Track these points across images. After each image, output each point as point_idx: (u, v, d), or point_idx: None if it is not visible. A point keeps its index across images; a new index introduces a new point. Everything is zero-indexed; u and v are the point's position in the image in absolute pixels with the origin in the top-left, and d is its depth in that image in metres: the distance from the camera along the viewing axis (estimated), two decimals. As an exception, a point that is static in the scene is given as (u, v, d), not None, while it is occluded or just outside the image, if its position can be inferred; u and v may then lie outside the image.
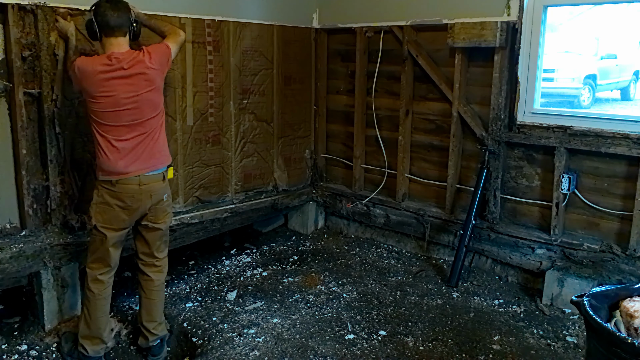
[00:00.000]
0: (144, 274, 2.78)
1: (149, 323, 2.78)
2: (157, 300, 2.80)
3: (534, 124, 3.36)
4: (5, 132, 2.80)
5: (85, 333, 2.67)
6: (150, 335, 2.78)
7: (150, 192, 2.60)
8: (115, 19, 2.49)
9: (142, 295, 2.80)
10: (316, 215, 4.58)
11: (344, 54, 4.28)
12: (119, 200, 2.55)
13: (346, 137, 4.40)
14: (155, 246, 2.74)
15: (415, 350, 2.82)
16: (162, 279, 2.82)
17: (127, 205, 2.56)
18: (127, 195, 2.55)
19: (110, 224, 2.57)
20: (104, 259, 2.63)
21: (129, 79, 2.51)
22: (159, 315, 2.82)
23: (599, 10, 10.18)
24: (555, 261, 3.33)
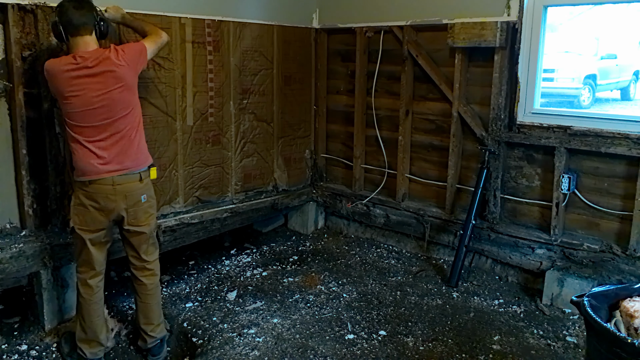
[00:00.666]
0: (136, 278, 2.76)
1: (146, 326, 2.77)
2: (152, 303, 2.78)
3: (534, 124, 3.36)
4: (5, 132, 2.81)
5: (82, 337, 2.67)
6: (148, 337, 2.78)
7: (124, 192, 2.56)
8: (79, 18, 2.44)
9: (138, 299, 2.78)
10: (316, 215, 4.58)
11: (344, 54, 4.28)
12: (93, 201, 2.52)
13: (346, 137, 4.40)
14: (142, 250, 2.70)
15: (415, 350, 2.82)
16: (155, 281, 2.78)
17: (102, 206, 2.53)
18: (101, 195, 2.52)
19: (87, 225, 2.55)
20: (89, 262, 2.61)
21: (96, 77, 2.46)
22: (156, 318, 2.80)
23: (599, 10, 10.18)
24: (555, 261, 3.33)
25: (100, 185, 2.51)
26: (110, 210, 2.55)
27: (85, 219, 2.55)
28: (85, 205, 2.53)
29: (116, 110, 2.52)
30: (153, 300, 2.78)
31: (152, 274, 2.77)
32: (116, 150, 2.54)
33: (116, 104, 2.52)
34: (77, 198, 2.56)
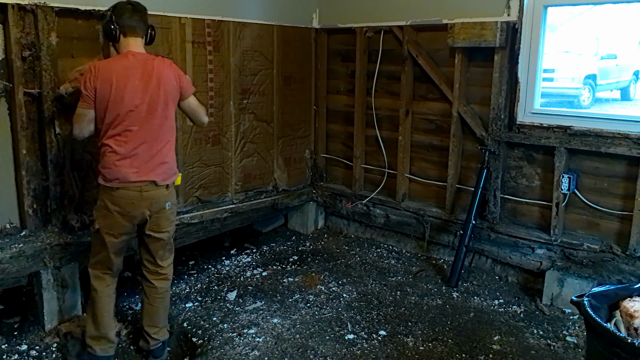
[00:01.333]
0: (147, 280, 2.74)
1: (150, 328, 2.76)
2: (160, 307, 2.77)
3: (534, 124, 3.36)
4: (5, 132, 2.81)
5: (92, 334, 2.66)
6: (151, 339, 2.76)
7: (150, 199, 2.56)
8: (137, 20, 2.54)
9: (145, 301, 2.76)
10: (316, 215, 4.58)
11: (344, 54, 4.28)
12: (117, 206, 2.52)
13: (346, 137, 4.40)
14: (158, 255, 2.70)
15: (415, 350, 2.82)
16: (166, 286, 2.78)
17: (125, 212, 2.53)
18: (126, 201, 2.51)
19: (111, 229, 2.55)
20: (105, 264, 2.63)
21: (143, 81, 2.49)
22: (161, 322, 2.79)
23: (599, 10, 10.17)
24: (555, 261, 3.33)
25: (127, 191, 2.51)
26: (133, 216, 2.55)
27: (110, 223, 2.55)
28: (110, 209, 2.52)
29: (155, 118, 2.52)
30: (161, 305, 2.77)
31: (164, 278, 2.76)
32: (149, 160, 2.53)
33: (156, 111, 2.52)
34: (102, 201, 2.55)
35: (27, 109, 2.80)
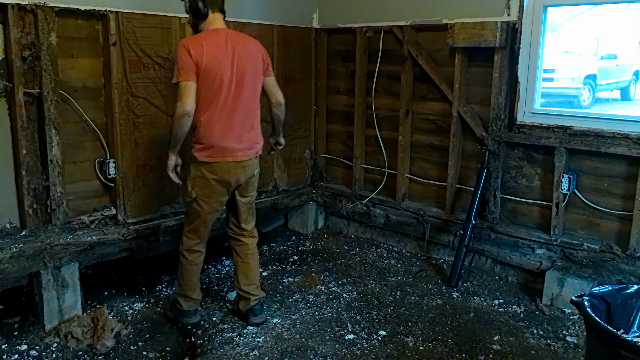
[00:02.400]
0: (237, 240, 2.98)
1: (248, 286, 2.96)
2: (253, 263, 2.99)
3: (534, 124, 3.36)
4: (5, 132, 2.81)
5: (179, 291, 2.97)
6: (251, 297, 2.96)
7: (244, 166, 2.77)
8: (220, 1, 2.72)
9: (239, 260, 2.98)
10: (316, 215, 4.58)
11: (344, 54, 4.28)
12: (214, 174, 2.70)
13: (346, 137, 4.40)
14: (242, 218, 2.94)
15: (415, 350, 2.82)
16: (254, 243, 3.02)
17: (223, 179, 2.72)
18: (223, 169, 2.70)
19: (209, 196, 2.73)
20: (198, 231, 2.84)
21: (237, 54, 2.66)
22: (256, 278, 3.01)
23: (599, 10, 10.17)
24: (555, 261, 3.33)
25: (225, 163, 2.70)
26: (229, 183, 2.75)
27: (207, 191, 2.73)
28: (207, 178, 2.70)
29: (247, 90, 2.71)
30: (254, 260, 3.00)
31: (252, 235, 3.02)
32: (246, 132, 2.74)
33: (248, 84, 2.71)
34: (199, 171, 2.70)
35: (27, 109, 2.80)
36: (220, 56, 2.62)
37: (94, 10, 2.97)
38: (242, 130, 2.73)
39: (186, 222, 2.91)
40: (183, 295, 2.97)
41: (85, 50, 3.04)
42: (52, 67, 2.83)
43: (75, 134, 3.06)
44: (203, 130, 2.65)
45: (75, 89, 3.02)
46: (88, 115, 3.09)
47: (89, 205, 3.19)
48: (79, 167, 3.12)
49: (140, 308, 3.21)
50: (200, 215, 2.79)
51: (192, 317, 3.00)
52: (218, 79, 2.62)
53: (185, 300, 2.98)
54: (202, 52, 2.57)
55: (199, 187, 2.73)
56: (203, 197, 2.74)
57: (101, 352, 2.78)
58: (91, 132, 3.13)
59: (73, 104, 3.02)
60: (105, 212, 3.22)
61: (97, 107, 3.14)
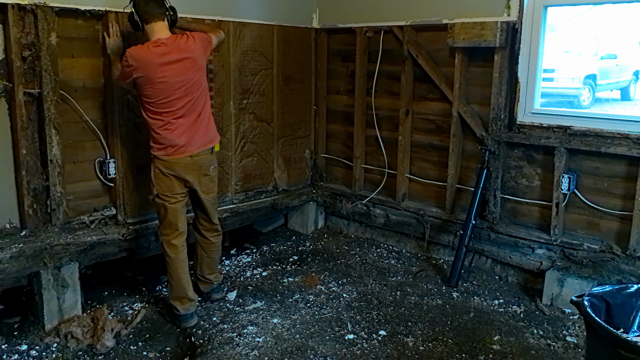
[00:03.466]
0: (205, 237, 3.19)
1: (210, 275, 3.26)
2: (216, 257, 3.29)
3: (534, 124, 3.36)
4: (5, 132, 2.81)
5: (173, 295, 3.02)
6: (214, 282, 3.28)
7: (199, 164, 2.94)
8: (154, 7, 2.78)
9: (204, 255, 3.22)
10: (316, 215, 4.58)
11: (344, 54, 4.27)
12: (172, 170, 2.88)
13: (346, 137, 4.40)
14: (211, 215, 3.14)
15: (415, 350, 2.82)
16: (220, 240, 3.26)
17: (179, 175, 2.89)
18: (179, 167, 2.88)
19: (169, 191, 2.90)
20: (171, 223, 2.95)
21: (179, 63, 2.79)
22: (216, 268, 3.33)
23: (599, 10, 10.17)
24: (555, 261, 3.33)
25: (181, 159, 2.87)
26: (185, 179, 2.92)
27: (167, 186, 2.90)
28: (165, 174, 2.88)
29: (194, 91, 2.87)
30: (217, 255, 3.29)
31: (219, 234, 3.25)
32: (196, 129, 2.90)
33: (194, 85, 2.87)
34: (157, 169, 2.89)
35: (27, 109, 2.81)
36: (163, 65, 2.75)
37: (94, 10, 2.97)
38: (196, 130, 2.91)
39: (160, 222, 3.02)
40: (178, 298, 3.01)
41: (85, 50, 3.04)
42: (52, 67, 2.83)
43: (75, 134, 3.07)
44: (159, 136, 2.85)
45: (75, 89, 3.02)
46: (88, 115, 3.09)
47: (89, 205, 3.19)
48: (79, 167, 3.12)
49: (140, 308, 3.21)
50: (167, 208, 2.92)
51: (189, 321, 3.02)
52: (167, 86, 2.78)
53: (181, 303, 3.01)
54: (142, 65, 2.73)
55: (159, 185, 2.90)
56: (164, 192, 2.91)
57: (101, 352, 2.78)
58: (91, 132, 3.13)
59: (73, 104, 3.02)
60: (105, 212, 3.22)
61: (97, 107, 3.14)
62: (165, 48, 2.76)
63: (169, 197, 2.91)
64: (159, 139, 2.85)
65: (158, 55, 2.74)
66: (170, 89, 2.79)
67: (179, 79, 2.79)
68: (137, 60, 2.73)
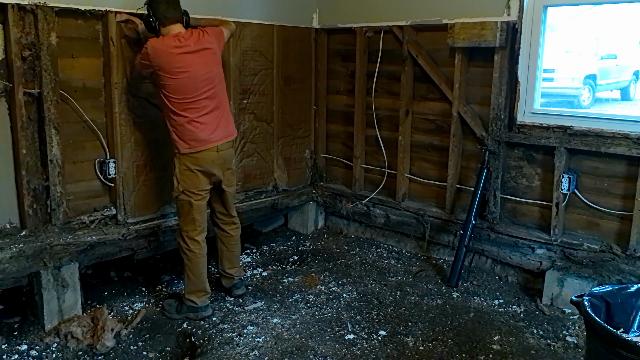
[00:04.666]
0: (224, 231, 3.27)
1: (231, 269, 3.32)
2: (236, 251, 3.35)
3: (534, 124, 3.36)
4: (5, 132, 2.81)
5: (191, 289, 3.07)
6: (234, 277, 3.33)
7: (225, 157, 3.04)
8: (172, 12, 2.90)
9: (224, 249, 3.30)
10: (316, 215, 4.58)
11: (344, 54, 4.27)
12: (199, 166, 2.93)
13: (346, 137, 4.40)
14: (230, 207, 3.22)
15: (415, 350, 2.82)
16: (239, 233, 3.33)
17: (206, 170, 2.95)
18: (206, 161, 2.94)
19: (194, 187, 2.95)
20: (194, 220, 3.00)
21: (198, 54, 2.89)
22: (238, 262, 3.38)
23: (599, 10, 10.17)
24: (555, 261, 3.33)
25: (207, 152, 2.94)
26: (212, 174, 2.99)
27: (193, 182, 2.95)
28: (192, 170, 2.93)
29: (215, 83, 2.96)
30: (237, 249, 3.35)
31: (237, 227, 3.32)
32: (219, 120, 2.99)
33: (214, 77, 2.97)
34: (184, 165, 2.93)
35: (27, 109, 2.80)
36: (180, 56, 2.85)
37: (94, 10, 2.97)
38: (218, 123, 2.99)
39: (181, 218, 3.04)
40: (196, 291, 3.07)
41: (85, 50, 3.04)
42: (52, 67, 2.83)
43: (75, 134, 3.06)
44: (184, 132, 2.90)
45: (75, 89, 3.02)
46: (88, 115, 3.09)
47: (89, 205, 3.19)
48: (79, 167, 3.12)
49: (140, 308, 3.21)
50: (192, 203, 2.97)
51: (207, 311, 3.11)
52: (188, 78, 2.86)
53: (197, 297, 3.07)
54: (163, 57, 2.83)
55: (184, 181, 2.94)
56: (190, 189, 2.95)
57: (101, 352, 2.78)
58: (91, 132, 3.13)
59: (73, 104, 3.02)
60: (105, 212, 3.22)
61: (97, 107, 3.14)
62: (183, 40, 2.87)
63: (194, 194, 2.96)
64: (185, 135, 2.90)
65: (175, 47, 2.84)
66: (196, 84, 2.88)
67: (203, 73, 2.89)
68: (155, 50, 2.83)
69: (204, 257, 3.08)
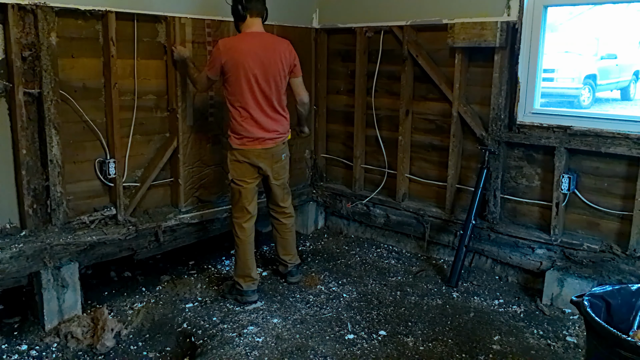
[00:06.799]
0: (277, 219, 3.49)
1: (286, 256, 3.53)
2: (290, 239, 3.53)
3: (534, 124, 3.36)
4: (5, 132, 2.81)
5: (239, 273, 3.27)
6: (288, 264, 3.53)
7: (272, 153, 3.20)
8: (258, 4, 3.11)
9: (278, 236, 3.53)
10: (316, 215, 4.58)
11: (344, 54, 4.27)
12: (247, 158, 3.15)
13: (346, 137, 4.40)
14: (279, 198, 3.41)
15: (415, 350, 2.82)
16: (292, 221, 3.52)
17: (254, 162, 3.15)
18: (254, 154, 3.14)
19: (243, 176, 3.17)
20: (243, 207, 3.21)
21: (266, 56, 3.06)
22: (293, 249, 3.57)
23: (599, 10, 10.18)
24: (555, 261, 3.33)
25: (255, 149, 3.13)
26: (259, 167, 3.19)
27: (242, 172, 3.17)
28: (240, 161, 3.15)
29: (278, 87, 3.15)
30: (291, 236, 3.54)
31: (289, 215, 3.50)
32: (274, 121, 3.17)
33: (278, 82, 3.14)
34: (234, 156, 3.17)
35: (27, 109, 2.80)
36: (250, 57, 3.02)
37: (94, 10, 2.97)
38: (270, 122, 3.15)
39: (233, 205, 3.28)
40: (242, 275, 3.25)
41: (85, 50, 3.04)
42: (52, 67, 2.83)
43: (75, 134, 3.07)
44: (237, 123, 3.11)
45: (75, 89, 3.02)
46: (88, 115, 3.09)
47: (89, 205, 3.20)
48: (79, 167, 3.12)
49: (140, 308, 3.21)
50: (241, 192, 3.18)
51: (251, 296, 3.26)
52: (249, 77, 3.03)
53: (244, 281, 3.24)
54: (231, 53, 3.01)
55: (234, 170, 3.18)
56: (238, 177, 3.17)
57: (101, 352, 2.78)
58: (91, 132, 3.13)
59: (73, 104, 3.02)
60: (105, 212, 3.22)
61: (97, 107, 3.14)
62: (260, 39, 3.07)
63: (242, 182, 3.17)
64: (239, 130, 3.10)
65: (249, 44, 3.04)
66: (253, 83, 3.04)
67: (262, 69, 3.04)
68: (227, 47, 3.03)
69: (250, 243, 3.26)
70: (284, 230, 3.50)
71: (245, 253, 3.25)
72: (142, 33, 3.25)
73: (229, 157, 3.20)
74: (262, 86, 3.08)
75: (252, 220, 3.28)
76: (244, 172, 3.18)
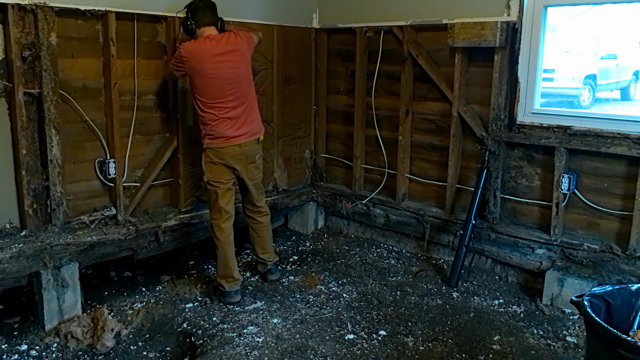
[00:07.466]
0: (253, 219, 3.47)
1: (264, 255, 3.53)
2: (267, 237, 3.54)
3: (534, 124, 3.36)
4: (5, 132, 2.81)
5: (220, 274, 3.27)
6: (267, 262, 3.54)
7: (246, 153, 3.20)
8: (209, 16, 3.09)
9: (255, 235, 3.51)
10: (316, 215, 4.58)
11: (344, 54, 4.27)
12: (221, 159, 3.13)
13: (346, 137, 4.40)
14: (255, 198, 3.40)
15: (415, 350, 2.82)
16: (267, 220, 3.52)
17: (228, 163, 3.14)
18: (229, 155, 3.13)
19: (218, 178, 3.15)
20: (221, 209, 3.19)
21: (228, 55, 3.05)
22: (270, 247, 3.58)
23: (599, 10, 10.18)
24: (555, 261, 3.33)
25: (229, 147, 3.12)
26: (234, 168, 3.18)
27: (218, 173, 3.15)
28: (215, 162, 3.13)
29: (242, 83, 3.14)
30: (268, 234, 3.54)
31: (265, 213, 3.50)
32: (245, 119, 3.16)
33: (241, 77, 3.13)
34: (208, 157, 3.14)
35: (27, 109, 2.81)
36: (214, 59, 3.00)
37: (94, 10, 2.97)
38: (244, 122, 3.15)
39: (210, 207, 3.26)
40: (224, 276, 3.25)
41: (85, 50, 3.04)
42: (52, 67, 2.83)
43: (75, 134, 3.07)
44: (211, 129, 3.08)
45: (75, 89, 3.03)
46: (88, 115, 3.09)
47: (89, 205, 3.20)
48: (79, 167, 3.13)
49: (140, 308, 3.21)
50: (218, 193, 3.16)
51: (234, 297, 3.26)
52: (217, 83, 3.03)
53: (227, 281, 3.24)
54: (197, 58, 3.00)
55: (209, 171, 3.14)
56: (214, 179, 3.15)
57: (101, 352, 2.78)
58: (91, 132, 3.13)
59: (73, 104, 3.02)
60: (105, 212, 3.22)
61: (97, 107, 3.15)
62: (215, 42, 3.04)
63: (218, 184, 3.15)
64: (212, 132, 3.09)
65: (210, 48, 3.01)
66: (222, 85, 3.04)
67: (229, 73, 3.05)
68: (190, 53, 3.00)
69: (229, 244, 3.24)
70: (261, 228, 3.50)
71: (225, 254, 3.24)
72: (142, 33, 3.26)
73: (203, 158, 3.17)
74: (233, 86, 3.08)
75: (231, 220, 3.26)
76: (220, 174, 3.16)
